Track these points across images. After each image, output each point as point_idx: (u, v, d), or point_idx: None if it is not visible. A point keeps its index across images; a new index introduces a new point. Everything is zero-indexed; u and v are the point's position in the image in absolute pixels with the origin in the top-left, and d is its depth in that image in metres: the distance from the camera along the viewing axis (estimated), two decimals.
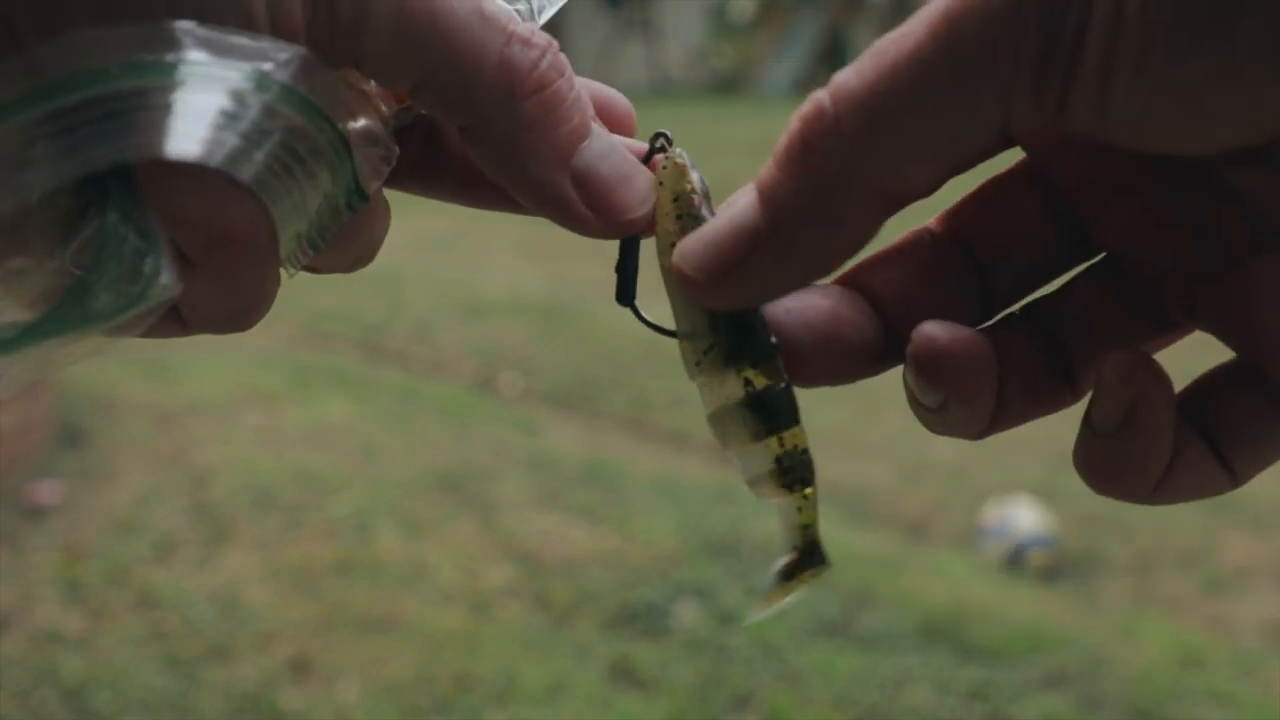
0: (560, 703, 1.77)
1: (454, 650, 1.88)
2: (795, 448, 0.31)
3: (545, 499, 2.41)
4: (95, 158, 0.24)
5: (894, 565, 2.21)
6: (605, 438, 2.93)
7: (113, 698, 1.74)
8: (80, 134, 0.24)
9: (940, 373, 0.28)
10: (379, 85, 0.29)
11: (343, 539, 2.21)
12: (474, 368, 3.46)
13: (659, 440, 2.93)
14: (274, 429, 2.72)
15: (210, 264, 0.27)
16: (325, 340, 3.61)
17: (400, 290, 4.07)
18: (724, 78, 11.59)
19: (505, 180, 0.30)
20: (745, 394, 0.31)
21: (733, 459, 0.32)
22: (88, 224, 0.25)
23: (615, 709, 1.76)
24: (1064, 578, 2.30)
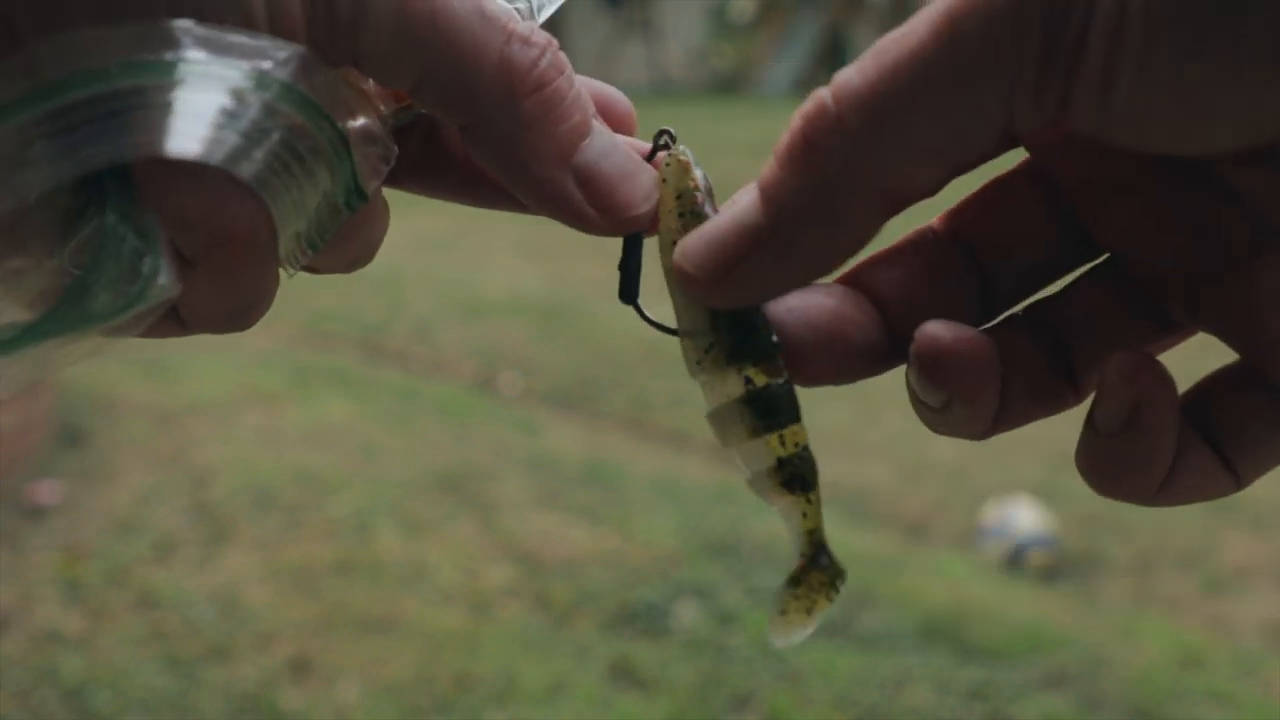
0: (560, 703, 1.77)
1: (454, 650, 1.88)
2: (796, 446, 0.31)
3: (545, 499, 2.41)
4: (94, 157, 0.24)
5: (894, 565, 2.21)
6: (605, 438, 2.93)
7: (113, 698, 1.74)
8: (79, 133, 0.24)
9: (944, 372, 0.28)
10: (378, 84, 0.29)
11: (343, 539, 2.21)
12: (474, 368, 3.46)
13: (659, 440, 2.93)
14: (274, 429, 2.72)
15: (210, 263, 0.27)
16: (325, 340, 3.61)
17: (400, 290, 4.07)
18: (724, 78, 11.59)
19: (507, 179, 0.30)
20: (745, 391, 0.31)
21: (734, 457, 0.32)
22: (86, 224, 0.25)
23: (615, 709, 1.76)
24: (1064, 578, 2.30)
